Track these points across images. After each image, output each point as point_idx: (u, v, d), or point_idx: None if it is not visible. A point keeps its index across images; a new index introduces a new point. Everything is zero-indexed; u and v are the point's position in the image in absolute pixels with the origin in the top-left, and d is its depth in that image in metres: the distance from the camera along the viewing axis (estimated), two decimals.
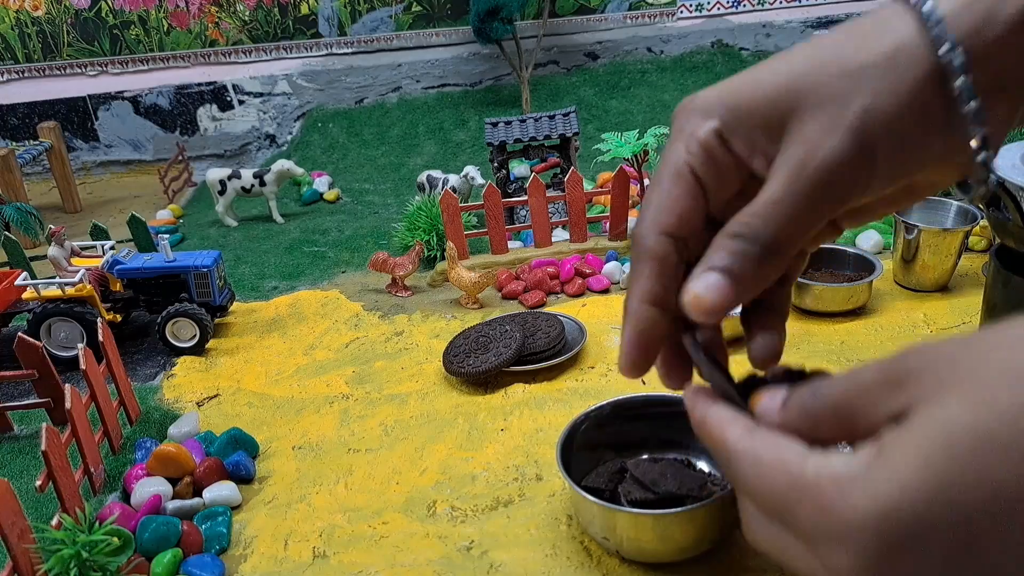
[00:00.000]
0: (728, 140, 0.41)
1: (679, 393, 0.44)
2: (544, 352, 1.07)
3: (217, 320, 1.30)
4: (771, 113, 0.39)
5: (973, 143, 0.38)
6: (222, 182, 1.74)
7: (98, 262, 1.27)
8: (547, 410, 0.98)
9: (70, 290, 1.19)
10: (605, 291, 1.30)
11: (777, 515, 0.30)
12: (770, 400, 0.34)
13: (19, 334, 1.03)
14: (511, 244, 1.46)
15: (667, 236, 0.42)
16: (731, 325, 0.95)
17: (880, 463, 0.26)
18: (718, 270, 0.41)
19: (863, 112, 0.38)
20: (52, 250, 1.24)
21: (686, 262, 0.43)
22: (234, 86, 2.37)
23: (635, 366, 0.43)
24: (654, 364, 0.45)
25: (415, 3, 2.35)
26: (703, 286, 0.41)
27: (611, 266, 1.33)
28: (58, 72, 2.33)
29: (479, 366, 1.04)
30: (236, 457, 0.92)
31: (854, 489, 0.26)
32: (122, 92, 2.35)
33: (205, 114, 2.39)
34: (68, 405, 0.86)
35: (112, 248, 1.31)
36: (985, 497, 0.24)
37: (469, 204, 1.43)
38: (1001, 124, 0.40)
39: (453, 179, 1.66)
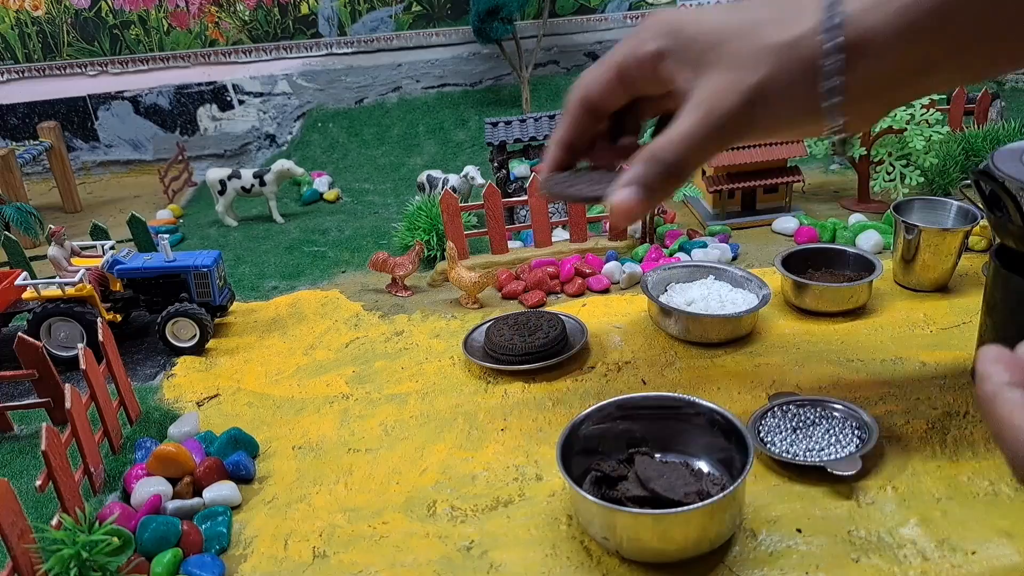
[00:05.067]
0: (662, 60, 0.57)
1: (682, 395, 0.45)
2: (544, 352, 1.07)
3: (217, 320, 1.30)
4: (700, 55, 0.55)
5: (826, 131, 0.53)
6: (222, 182, 1.74)
7: (98, 262, 1.27)
8: (547, 410, 0.98)
9: (70, 290, 1.19)
10: (605, 291, 1.30)
11: None
12: None
13: (19, 334, 1.03)
14: (511, 244, 1.46)
15: (585, 101, 0.63)
16: (728, 329, 0.97)
17: None
18: (634, 184, 0.57)
19: (755, 85, 0.53)
20: (52, 250, 1.24)
21: (612, 120, 0.65)
22: (234, 86, 2.37)
23: (549, 170, 0.68)
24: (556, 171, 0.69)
25: (415, 3, 2.35)
26: (621, 197, 0.57)
27: (611, 266, 1.33)
28: (58, 72, 2.33)
29: (534, 343, 1.06)
30: (236, 457, 0.92)
31: None
32: (122, 92, 2.35)
33: (205, 114, 2.39)
34: (68, 405, 0.86)
35: (112, 248, 1.31)
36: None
37: (469, 204, 1.43)
38: (866, 117, 0.54)
39: (453, 179, 1.66)
